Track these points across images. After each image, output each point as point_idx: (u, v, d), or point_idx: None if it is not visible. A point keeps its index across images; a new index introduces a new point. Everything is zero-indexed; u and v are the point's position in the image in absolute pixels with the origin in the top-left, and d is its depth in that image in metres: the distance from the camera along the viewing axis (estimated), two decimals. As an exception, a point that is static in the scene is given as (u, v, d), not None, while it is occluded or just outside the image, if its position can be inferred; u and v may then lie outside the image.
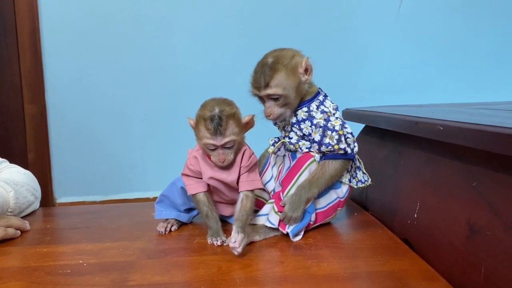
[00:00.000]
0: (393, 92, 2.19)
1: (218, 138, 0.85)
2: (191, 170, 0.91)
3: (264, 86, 0.89)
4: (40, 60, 2.06)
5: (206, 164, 0.91)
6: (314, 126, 0.91)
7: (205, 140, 0.86)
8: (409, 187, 0.97)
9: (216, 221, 0.91)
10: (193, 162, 0.91)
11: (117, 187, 2.16)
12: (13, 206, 1.02)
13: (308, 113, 0.92)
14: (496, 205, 0.69)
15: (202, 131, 0.86)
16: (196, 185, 0.91)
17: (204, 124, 0.85)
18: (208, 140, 0.86)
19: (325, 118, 0.91)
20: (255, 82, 0.90)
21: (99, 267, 0.77)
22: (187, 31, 2.10)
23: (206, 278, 0.72)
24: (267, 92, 0.89)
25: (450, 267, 0.75)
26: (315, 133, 0.91)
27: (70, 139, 2.12)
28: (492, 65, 2.26)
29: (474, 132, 0.72)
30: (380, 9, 2.18)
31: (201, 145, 0.89)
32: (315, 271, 0.73)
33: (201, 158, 0.91)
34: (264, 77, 0.88)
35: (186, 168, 0.92)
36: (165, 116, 2.14)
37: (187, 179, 0.92)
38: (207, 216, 0.91)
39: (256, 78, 0.90)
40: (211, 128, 0.84)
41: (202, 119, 0.86)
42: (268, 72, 0.88)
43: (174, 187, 0.99)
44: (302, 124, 0.92)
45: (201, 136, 0.87)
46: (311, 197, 0.90)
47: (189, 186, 0.92)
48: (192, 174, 0.92)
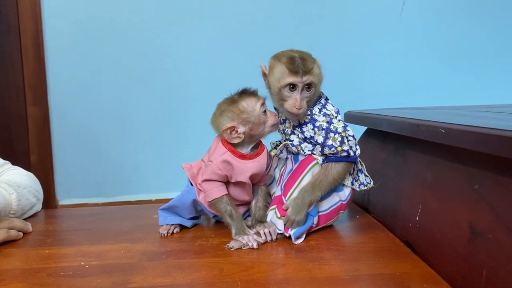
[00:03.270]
0: (395, 94, 2.19)
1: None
2: (218, 174, 0.88)
3: (305, 72, 0.87)
4: (43, 62, 2.07)
5: (241, 164, 0.89)
6: (316, 129, 0.91)
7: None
8: (410, 189, 0.97)
9: (241, 219, 0.90)
10: (222, 166, 0.88)
11: (119, 190, 2.16)
12: (15, 208, 1.02)
13: (310, 117, 0.93)
14: (497, 208, 0.69)
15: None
16: (219, 188, 0.89)
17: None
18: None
19: (327, 121, 0.91)
20: (295, 68, 0.87)
21: (101, 269, 0.77)
22: (190, 35, 2.11)
23: (207, 280, 0.72)
24: (308, 79, 0.88)
25: (451, 269, 0.75)
26: (318, 135, 0.91)
27: (73, 141, 2.12)
28: (495, 67, 2.26)
29: (476, 135, 0.72)
30: (383, 11, 2.19)
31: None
32: (316, 273, 0.73)
33: (233, 159, 0.89)
34: (305, 64, 0.88)
35: (211, 174, 0.89)
36: (168, 118, 2.14)
37: (209, 184, 0.89)
38: (232, 215, 0.89)
39: (296, 65, 0.87)
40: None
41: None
42: (310, 59, 0.89)
43: (185, 198, 0.96)
44: (304, 127, 0.93)
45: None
46: (314, 200, 0.90)
47: (212, 190, 0.89)
48: (217, 178, 0.89)
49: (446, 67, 2.24)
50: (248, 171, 0.89)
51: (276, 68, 0.89)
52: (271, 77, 0.91)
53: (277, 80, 0.89)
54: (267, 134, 0.91)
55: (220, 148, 0.89)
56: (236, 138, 0.88)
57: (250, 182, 0.91)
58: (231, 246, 0.86)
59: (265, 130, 0.90)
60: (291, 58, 0.88)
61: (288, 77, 0.87)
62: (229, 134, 0.88)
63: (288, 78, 0.87)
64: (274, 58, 0.92)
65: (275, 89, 0.90)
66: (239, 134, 0.88)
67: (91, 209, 1.45)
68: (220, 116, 0.89)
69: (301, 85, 0.88)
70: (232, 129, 0.87)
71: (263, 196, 0.96)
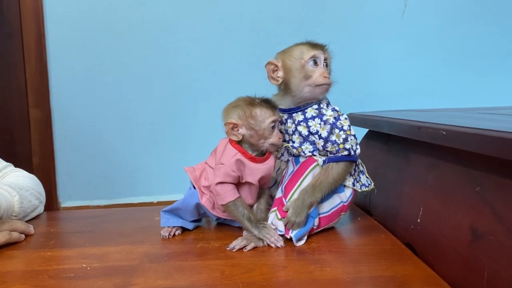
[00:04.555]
0: (396, 96, 2.19)
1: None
2: (231, 176, 0.88)
3: (323, 47, 0.93)
4: (45, 65, 2.07)
5: (252, 165, 0.89)
6: (323, 123, 0.92)
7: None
8: (412, 192, 0.97)
9: (257, 220, 0.90)
10: (235, 167, 0.88)
11: (121, 192, 2.16)
12: (17, 210, 1.03)
13: (318, 110, 0.93)
14: (499, 210, 0.69)
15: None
16: (233, 191, 0.89)
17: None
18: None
19: (335, 116, 0.92)
20: (315, 43, 0.93)
21: (103, 271, 0.77)
22: (192, 36, 2.11)
23: (209, 282, 0.72)
24: (327, 54, 0.93)
25: (453, 272, 0.75)
26: (322, 129, 0.91)
27: (75, 144, 2.13)
28: (498, 69, 2.25)
29: (477, 137, 0.72)
30: (384, 13, 2.19)
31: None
32: (318, 275, 0.73)
33: (245, 159, 0.89)
34: (320, 43, 0.93)
35: (224, 176, 0.88)
36: (170, 120, 2.14)
37: (223, 187, 0.88)
38: (250, 219, 0.88)
39: (314, 42, 0.93)
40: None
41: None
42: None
43: (188, 202, 0.96)
44: (310, 122, 0.93)
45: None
46: (314, 201, 0.90)
47: (226, 193, 0.88)
48: (231, 180, 0.88)
49: (448, 69, 2.24)
50: (258, 173, 0.90)
51: (294, 51, 0.93)
52: (289, 61, 0.92)
53: (298, 58, 0.91)
54: (265, 149, 0.91)
55: (230, 150, 0.89)
56: (234, 135, 0.89)
57: (257, 185, 0.92)
58: (232, 247, 0.86)
59: (264, 145, 0.90)
60: (305, 41, 0.94)
61: (311, 50, 0.91)
62: (230, 128, 0.89)
63: (311, 51, 0.91)
64: (283, 51, 0.95)
65: (296, 70, 0.91)
66: (238, 133, 0.89)
67: (93, 211, 1.46)
68: (233, 109, 0.90)
69: (322, 57, 0.91)
70: (235, 125, 0.88)
71: (265, 198, 0.96)
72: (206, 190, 0.94)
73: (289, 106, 0.95)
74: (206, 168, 0.95)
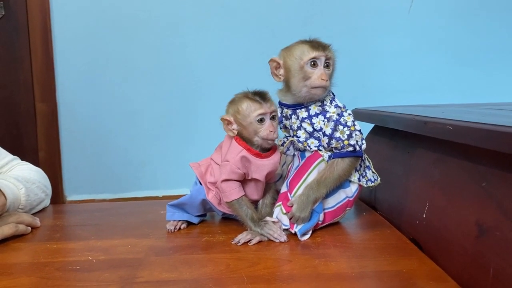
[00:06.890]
0: (402, 92, 2.19)
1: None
2: (237, 173, 0.88)
3: (324, 47, 0.91)
4: (51, 59, 2.08)
5: (257, 161, 0.89)
6: (326, 120, 0.91)
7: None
8: (418, 187, 0.97)
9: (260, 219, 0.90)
10: (241, 164, 0.88)
11: (127, 186, 2.17)
12: (24, 203, 1.03)
13: (322, 107, 0.93)
14: (505, 205, 0.68)
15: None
16: (239, 189, 0.89)
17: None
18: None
19: (338, 113, 0.92)
20: (316, 44, 0.91)
21: (108, 263, 0.78)
22: (198, 31, 2.11)
23: (214, 275, 0.72)
24: (328, 54, 0.91)
25: (458, 267, 0.74)
26: (326, 126, 0.91)
27: (81, 138, 2.14)
28: (504, 65, 2.24)
29: (483, 132, 0.72)
30: (391, 8, 2.18)
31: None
32: (322, 270, 0.73)
33: (251, 157, 0.89)
34: (322, 42, 0.91)
35: (230, 174, 0.88)
36: (175, 115, 2.15)
37: (228, 184, 0.89)
38: (253, 219, 0.89)
39: (316, 42, 0.91)
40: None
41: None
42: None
43: (195, 197, 0.96)
44: (314, 119, 0.92)
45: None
46: (319, 197, 0.90)
47: (232, 191, 0.89)
48: (237, 177, 0.89)
49: (454, 64, 2.22)
50: (264, 169, 0.89)
51: (295, 50, 0.91)
52: (290, 60, 0.91)
53: (298, 58, 0.90)
54: (261, 144, 0.89)
55: (235, 147, 0.89)
56: (230, 131, 0.90)
57: (264, 181, 0.92)
58: (237, 241, 0.86)
59: (257, 139, 0.88)
60: (309, 39, 0.92)
61: (311, 51, 0.89)
62: (226, 125, 0.90)
63: (310, 53, 0.89)
64: (286, 48, 0.93)
65: (296, 70, 0.90)
66: (233, 129, 0.89)
67: (98, 204, 1.46)
68: (228, 105, 0.91)
69: (323, 59, 0.90)
70: (229, 122, 0.89)
71: (271, 193, 0.96)
72: (212, 186, 0.94)
73: (293, 102, 0.95)
74: (212, 164, 0.95)
